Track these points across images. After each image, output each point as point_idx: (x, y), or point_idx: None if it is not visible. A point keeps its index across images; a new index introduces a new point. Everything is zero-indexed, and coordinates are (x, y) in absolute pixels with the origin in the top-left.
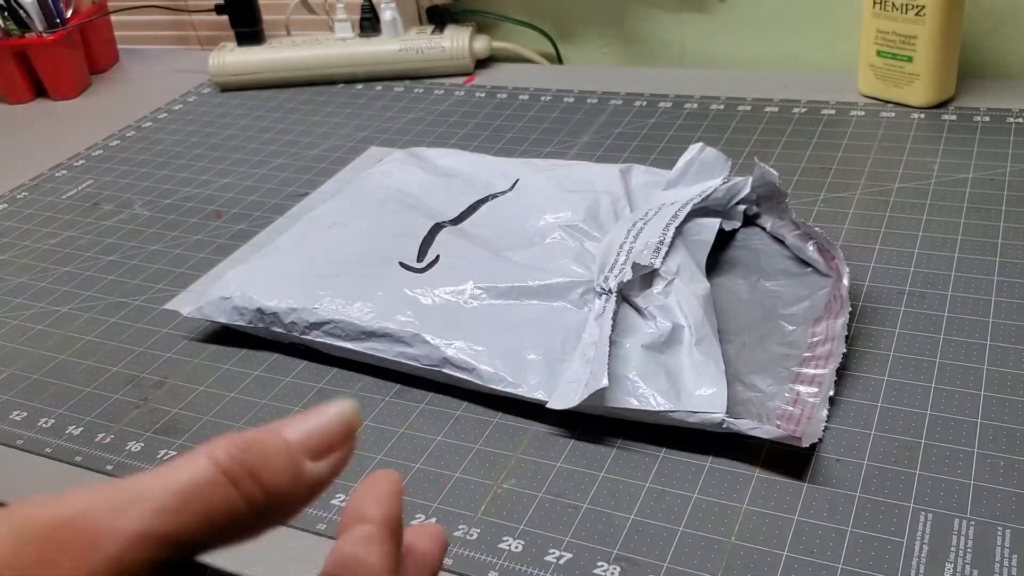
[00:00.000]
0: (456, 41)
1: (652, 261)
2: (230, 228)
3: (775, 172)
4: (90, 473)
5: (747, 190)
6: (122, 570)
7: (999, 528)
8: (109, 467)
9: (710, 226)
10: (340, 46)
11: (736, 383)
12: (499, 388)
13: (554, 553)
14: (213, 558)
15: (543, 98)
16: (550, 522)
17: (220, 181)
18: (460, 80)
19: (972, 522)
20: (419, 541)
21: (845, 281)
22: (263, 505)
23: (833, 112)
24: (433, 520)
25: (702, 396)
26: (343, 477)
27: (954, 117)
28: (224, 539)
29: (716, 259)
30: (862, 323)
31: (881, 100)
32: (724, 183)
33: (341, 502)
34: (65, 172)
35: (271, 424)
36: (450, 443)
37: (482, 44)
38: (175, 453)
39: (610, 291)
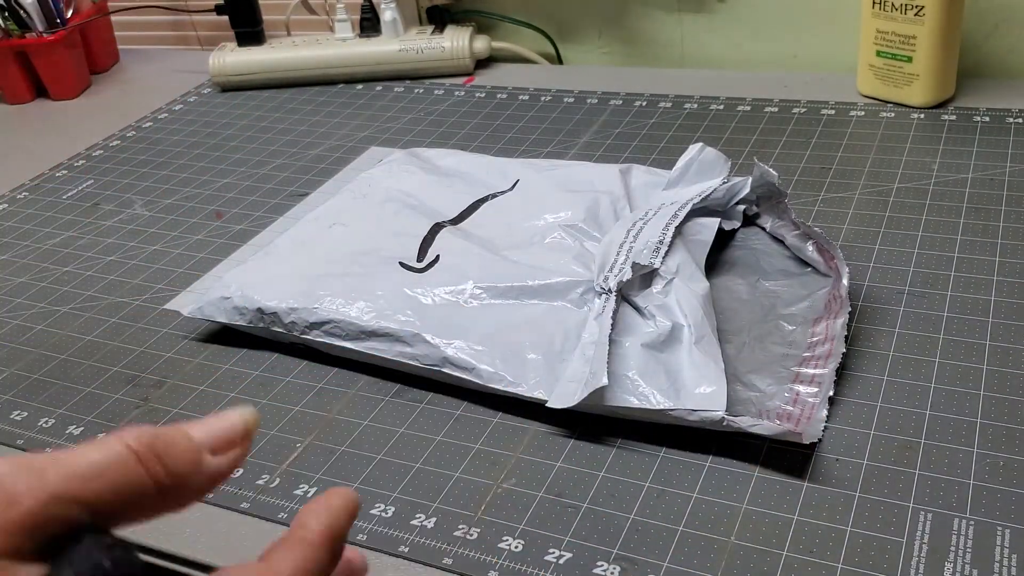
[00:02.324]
0: (456, 41)
1: (652, 261)
2: (230, 228)
3: (774, 172)
4: None
5: (747, 190)
6: (37, 524)
7: (999, 528)
8: None
9: (710, 226)
10: (340, 46)
11: (736, 383)
12: (499, 387)
13: (554, 553)
14: (209, 558)
15: (543, 98)
16: (550, 522)
17: (220, 181)
18: (460, 80)
19: (972, 522)
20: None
21: (845, 281)
22: (166, 485)
23: (833, 112)
24: (433, 520)
25: (702, 394)
26: (346, 477)
27: (954, 117)
28: (132, 512)
29: (716, 259)
30: (862, 323)
31: (881, 100)
32: (724, 183)
33: None
34: (65, 172)
35: (179, 425)
36: (450, 443)
37: (482, 44)
38: None
39: (610, 290)
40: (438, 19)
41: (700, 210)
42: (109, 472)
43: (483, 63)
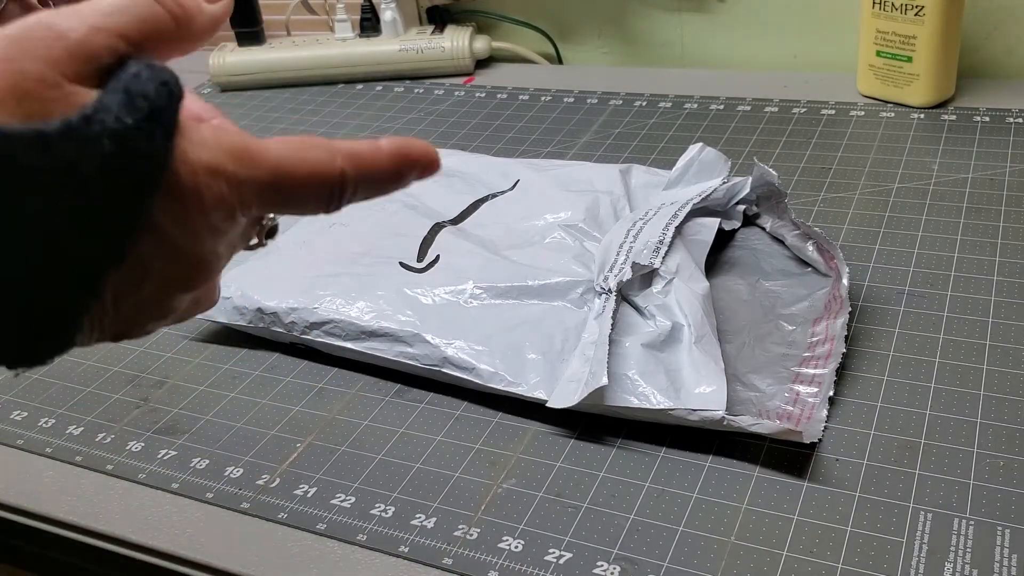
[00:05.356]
0: (456, 41)
1: (652, 260)
2: None
3: (774, 172)
4: (90, 473)
5: (747, 190)
6: (86, 52)
7: (999, 528)
8: (109, 467)
9: (709, 226)
10: (340, 46)
11: (736, 383)
12: (499, 387)
13: (554, 553)
14: (209, 558)
15: (543, 98)
16: (550, 522)
17: None
18: (460, 80)
19: (972, 522)
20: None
21: (845, 281)
22: (182, 18)
23: (833, 112)
24: (433, 520)
25: (702, 394)
26: (346, 477)
27: (954, 117)
28: (160, 45)
29: (716, 259)
30: (862, 323)
31: (881, 100)
32: (724, 183)
33: (341, 501)
34: None
35: None
36: (450, 443)
37: (482, 44)
38: (175, 453)
39: (610, 290)
40: (438, 19)
41: (700, 210)
42: (133, 7)
43: (483, 63)
